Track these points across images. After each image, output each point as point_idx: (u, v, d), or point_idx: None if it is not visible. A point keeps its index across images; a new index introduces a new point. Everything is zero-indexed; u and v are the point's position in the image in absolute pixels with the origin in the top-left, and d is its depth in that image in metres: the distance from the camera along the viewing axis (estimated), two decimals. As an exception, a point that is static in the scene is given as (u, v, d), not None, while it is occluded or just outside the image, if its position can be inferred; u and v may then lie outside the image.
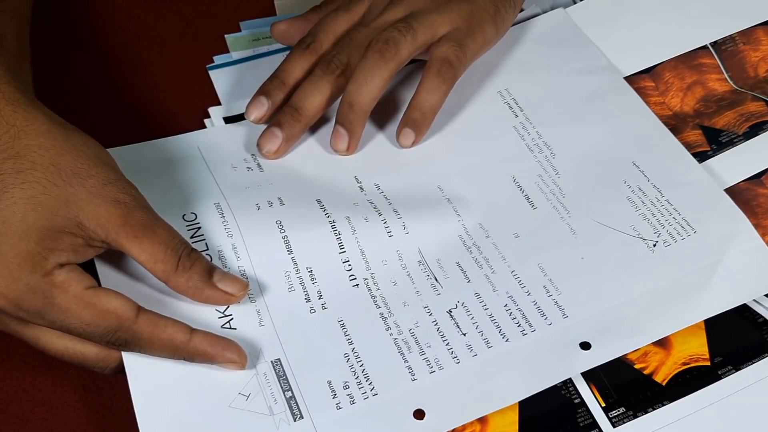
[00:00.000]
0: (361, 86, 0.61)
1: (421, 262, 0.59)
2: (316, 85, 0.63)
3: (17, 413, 0.55)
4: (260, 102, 0.64)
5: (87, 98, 0.69)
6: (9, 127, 0.51)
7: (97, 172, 0.52)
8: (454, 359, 0.54)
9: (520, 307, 0.56)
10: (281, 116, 0.63)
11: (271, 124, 0.63)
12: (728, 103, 0.68)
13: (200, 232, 0.58)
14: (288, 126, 0.63)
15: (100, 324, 0.50)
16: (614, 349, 0.54)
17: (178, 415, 0.51)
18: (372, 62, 0.61)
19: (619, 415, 0.53)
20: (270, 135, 0.63)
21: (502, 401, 0.53)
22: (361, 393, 0.53)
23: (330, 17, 0.65)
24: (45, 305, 0.50)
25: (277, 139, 0.62)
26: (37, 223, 0.50)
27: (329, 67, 0.63)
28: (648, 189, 0.62)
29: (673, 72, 0.69)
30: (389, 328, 0.56)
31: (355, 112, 0.62)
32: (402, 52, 0.61)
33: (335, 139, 0.63)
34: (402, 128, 0.63)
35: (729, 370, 0.54)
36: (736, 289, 0.57)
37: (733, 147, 0.65)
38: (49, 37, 0.70)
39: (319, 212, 0.60)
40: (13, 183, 0.50)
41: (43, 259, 0.50)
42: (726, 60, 0.70)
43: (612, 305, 0.56)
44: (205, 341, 0.52)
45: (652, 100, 0.68)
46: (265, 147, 0.63)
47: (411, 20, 0.62)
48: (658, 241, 0.59)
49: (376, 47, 0.61)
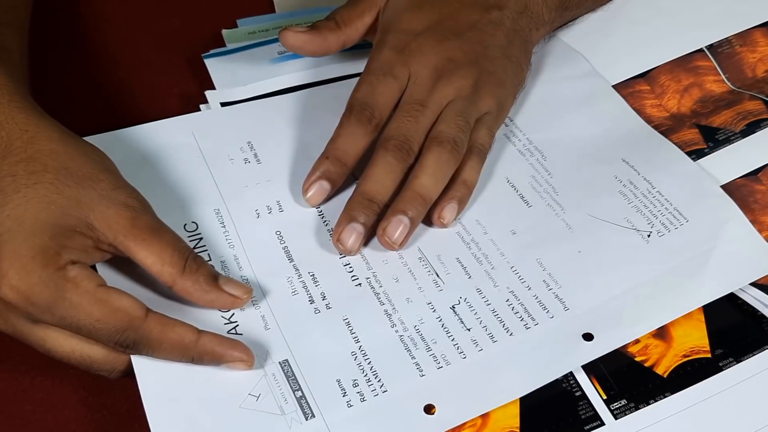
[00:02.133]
0: (437, 182, 0.59)
1: (421, 258, 0.59)
2: (391, 174, 0.59)
3: (17, 413, 0.54)
4: (323, 188, 0.61)
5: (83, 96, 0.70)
6: (22, 133, 0.53)
7: (107, 177, 0.54)
8: (461, 354, 0.54)
9: (522, 301, 0.57)
10: (357, 209, 0.59)
11: (350, 220, 0.58)
12: (726, 103, 0.68)
13: (202, 243, 0.59)
14: (365, 217, 0.59)
15: (110, 322, 0.50)
16: (616, 339, 0.55)
17: (189, 415, 0.51)
18: (445, 160, 0.60)
19: (621, 407, 0.53)
20: (351, 231, 0.58)
21: (511, 395, 0.53)
22: (371, 390, 0.53)
23: (382, 86, 0.62)
24: (56, 299, 0.50)
25: (360, 235, 0.58)
26: (49, 221, 0.51)
27: (404, 156, 0.60)
28: (639, 182, 0.63)
29: (669, 75, 0.70)
30: (394, 324, 0.56)
31: (424, 205, 0.59)
32: (464, 150, 0.61)
33: (393, 227, 0.58)
34: (447, 203, 0.60)
35: (730, 361, 0.54)
36: (730, 274, 0.58)
37: (730, 144, 0.65)
38: (47, 36, 0.70)
39: (318, 219, 0.61)
40: (25, 183, 0.51)
41: (56, 254, 0.50)
42: (723, 62, 0.71)
43: (611, 296, 0.57)
44: (214, 341, 0.52)
45: (647, 102, 0.68)
46: (347, 244, 0.58)
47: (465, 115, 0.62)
48: (652, 232, 0.60)
49: (448, 147, 0.60)
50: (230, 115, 0.67)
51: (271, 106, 0.68)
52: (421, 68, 0.63)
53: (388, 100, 0.62)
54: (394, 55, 0.63)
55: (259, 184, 0.62)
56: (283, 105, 0.68)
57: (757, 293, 0.57)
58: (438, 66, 0.63)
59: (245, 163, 0.64)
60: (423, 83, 0.62)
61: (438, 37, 0.64)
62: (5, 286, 0.50)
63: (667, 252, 0.59)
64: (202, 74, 0.71)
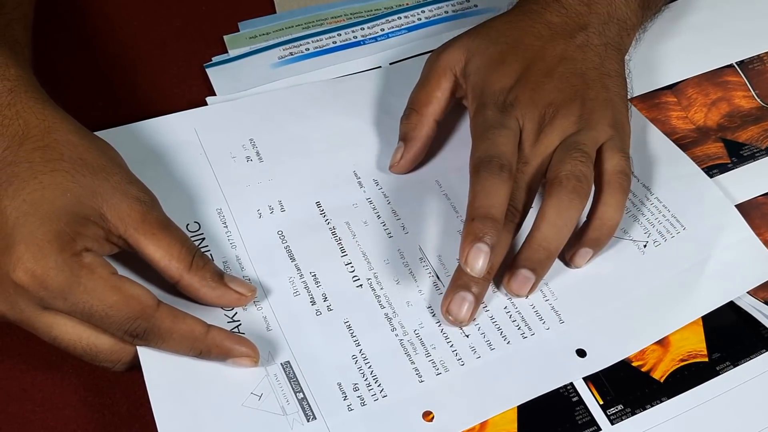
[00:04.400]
0: (561, 230, 0.56)
1: (422, 259, 0.59)
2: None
3: (17, 413, 0.54)
4: (483, 252, 0.54)
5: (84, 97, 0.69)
6: (39, 122, 0.54)
7: (119, 171, 0.54)
8: (459, 361, 0.54)
9: (519, 310, 0.57)
10: (473, 286, 0.55)
11: (459, 288, 0.55)
12: (753, 119, 0.68)
13: (205, 243, 0.59)
14: (480, 291, 0.56)
15: (122, 309, 0.51)
16: (610, 356, 0.55)
17: (193, 410, 0.52)
18: (568, 203, 0.56)
19: (617, 413, 0.53)
20: (463, 301, 0.55)
21: (507, 403, 0.53)
22: (371, 395, 0.53)
23: (501, 137, 0.58)
24: (71, 284, 0.50)
25: (472, 304, 0.55)
26: (65, 207, 0.51)
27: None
28: (638, 189, 0.63)
29: (697, 88, 0.69)
30: (394, 328, 0.56)
31: (549, 257, 0.56)
32: (590, 184, 0.57)
33: (518, 283, 0.56)
34: (580, 248, 0.58)
35: (727, 366, 0.55)
36: (729, 283, 0.58)
37: (755, 161, 0.65)
38: (48, 37, 0.70)
39: (319, 219, 0.61)
40: (42, 170, 0.52)
41: (71, 239, 0.50)
42: (753, 78, 0.70)
43: (606, 310, 0.57)
44: (222, 335, 0.53)
45: (673, 114, 0.68)
46: (460, 315, 0.56)
47: (579, 148, 0.57)
48: (648, 242, 0.60)
49: (569, 186, 0.56)
50: (232, 110, 0.67)
51: (273, 101, 0.68)
52: (525, 123, 0.59)
53: (510, 150, 0.58)
54: (497, 113, 0.59)
55: (260, 183, 0.62)
56: (286, 99, 0.68)
57: (751, 300, 0.57)
58: (540, 116, 0.59)
59: (247, 161, 0.64)
60: (527, 139, 0.59)
61: (531, 85, 0.60)
62: (20, 270, 0.50)
63: (663, 263, 0.59)
64: (203, 75, 0.71)
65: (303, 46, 0.72)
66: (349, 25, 0.74)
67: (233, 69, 0.71)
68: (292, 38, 0.73)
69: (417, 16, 0.76)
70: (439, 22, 0.75)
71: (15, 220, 0.50)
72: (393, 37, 0.74)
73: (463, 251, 0.54)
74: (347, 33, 0.74)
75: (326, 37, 0.73)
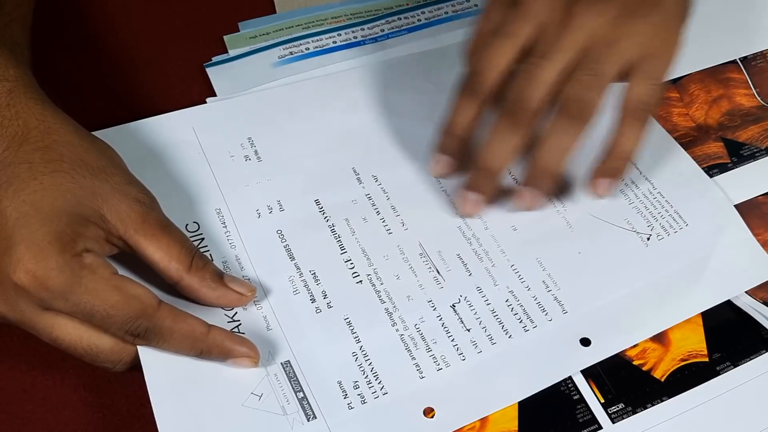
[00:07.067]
0: (555, 154, 0.57)
1: (422, 254, 0.59)
2: (504, 143, 0.57)
3: (17, 413, 0.54)
4: (437, 159, 0.61)
5: (84, 97, 0.69)
6: (39, 123, 0.54)
7: (119, 172, 0.54)
8: (460, 356, 0.54)
9: (521, 302, 0.57)
10: (475, 180, 0.59)
11: (467, 188, 0.59)
12: (754, 119, 0.68)
13: (204, 243, 0.59)
14: (485, 188, 0.59)
15: (124, 309, 0.51)
16: (614, 345, 0.55)
17: (193, 410, 0.52)
18: (563, 129, 0.56)
19: (618, 411, 0.53)
20: (470, 201, 0.60)
21: (509, 399, 0.53)
22: (371, 392, 0.53)
23: (494, 49, 0.56)
24: (72, 285, 0.50)
25: (479, 203, 0.60)
26: (65, 209, 0.51)
27: (517, 122, 0.56)
28: (640, 181, 0.63)
29: (700, 84, 0.69)
30: (395, 323, 0.56)
31: (549, 176, 0.58)
32: (592, 111, 0.55)
33: (524, 199, 0.59)
34: (599, 178, 0.59)
35: (727, 366, 0.55)
36: (728, 281, 0.58)
37: (755, 161, 0.65)
38: (48, 37, 0.70)
39: (319, 217, 0.61)
40: (42, 171, 0.52)
41: (72, 240, 0.50)
42: (755, 76, 0.70)
43: (609, 300, 0.57)
44: (223, 335, 0.53)
45: (675, 111, 0.68)
46: (466, 211, 0.60)
47: (594, 63, 0.54)
48: (651, 235, 0.60)
49: (566, 113, 0.55)
50: (230, 109, 0.67)
51: (270, 99, 0.68)
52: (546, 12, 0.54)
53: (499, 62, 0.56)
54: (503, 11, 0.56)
55: (259, 183, 0.62)
56: (283, 97, 0.68)
57: (750, 300, 0.57)
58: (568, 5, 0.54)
59: (246, 160, 0.64)
60: (550, 31, 0.54)
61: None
62: (20, 271, 0.49)
63: (666, 257, 0.59)
64: (203, 74, 0.70)
65: (303, 46, 0.72)
66: (349, 25, 0.74)
67: (233, 69, 0.71)
68: (292, 38, 0.73)
69: (417, 17, 0.76)
70: (439, 23, 0.75)
71: (15, 221, 0.50)
72: (393, 37, 0.74)
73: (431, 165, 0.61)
74: (347, 33, 0.74)
75: (326, 37, 0.73)
